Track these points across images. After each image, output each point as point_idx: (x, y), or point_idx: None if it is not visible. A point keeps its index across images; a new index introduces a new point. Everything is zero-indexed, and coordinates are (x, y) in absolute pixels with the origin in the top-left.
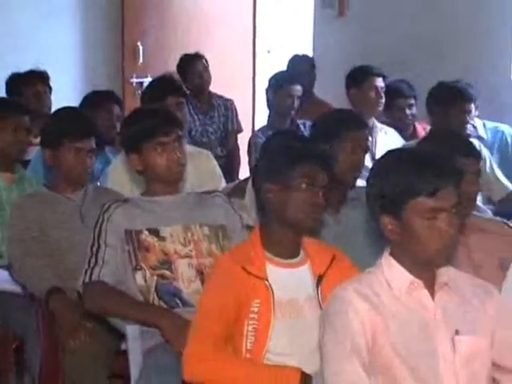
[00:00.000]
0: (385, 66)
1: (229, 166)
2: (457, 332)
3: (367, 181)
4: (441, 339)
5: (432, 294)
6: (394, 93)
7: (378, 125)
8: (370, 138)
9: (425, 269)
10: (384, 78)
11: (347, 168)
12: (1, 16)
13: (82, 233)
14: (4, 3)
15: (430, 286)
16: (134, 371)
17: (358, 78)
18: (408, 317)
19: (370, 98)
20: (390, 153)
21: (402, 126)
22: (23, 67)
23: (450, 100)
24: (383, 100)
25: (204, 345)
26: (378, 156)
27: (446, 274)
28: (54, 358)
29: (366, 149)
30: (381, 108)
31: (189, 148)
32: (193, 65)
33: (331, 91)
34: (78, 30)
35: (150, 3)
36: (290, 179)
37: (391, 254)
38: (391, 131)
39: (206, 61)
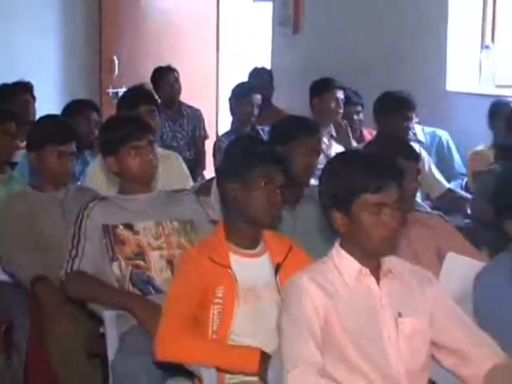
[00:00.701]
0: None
1: (196, 168)
2: (399, 314)
3: (319, 180)
4: (386, 321)
5: (378, 281)
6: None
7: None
8: (326, 142)
9: (371, 258)
10: (344, 90)
11: (302, 169)
12: None
13: (64, 227)
14: None
15: (376, 273)
16: (111, 352)
17: (320, 89)
18: (357, 301)
19: (330, 108)
20: (339, 155)
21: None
22: (10, 79)
23: (395, 108)
24: (342, 110)
25: (174, 327)
26: None
27: (390, 262)
28: (40, 340)
29: (319, 152)
30: (340, 117)
31: (160, 151)
32: (165, 76)
33: (287, 100)
34: (60, 45)
35: (125, 21)
36: (250, 179)
37: (341, 245)
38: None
39: (177, 73)
